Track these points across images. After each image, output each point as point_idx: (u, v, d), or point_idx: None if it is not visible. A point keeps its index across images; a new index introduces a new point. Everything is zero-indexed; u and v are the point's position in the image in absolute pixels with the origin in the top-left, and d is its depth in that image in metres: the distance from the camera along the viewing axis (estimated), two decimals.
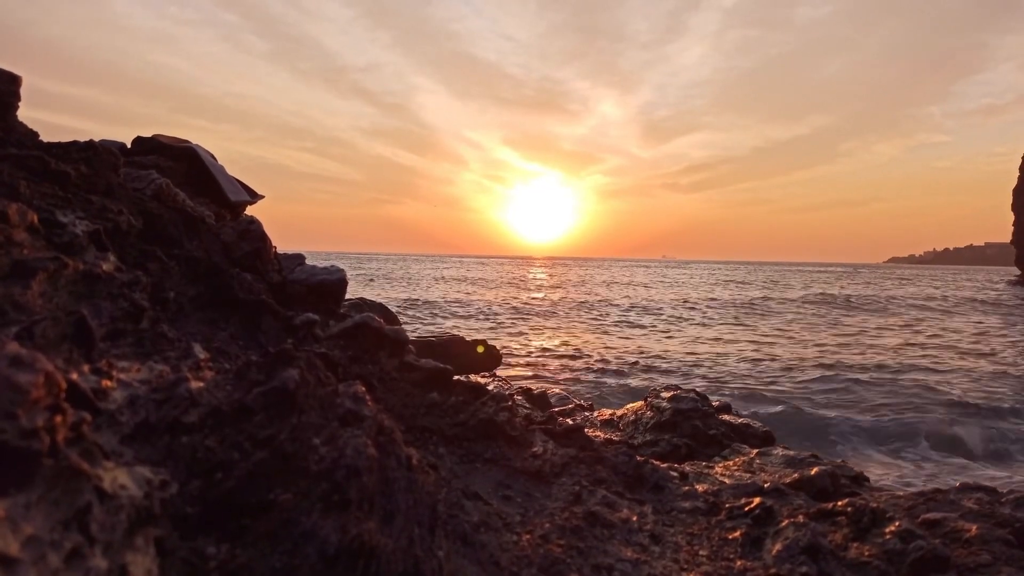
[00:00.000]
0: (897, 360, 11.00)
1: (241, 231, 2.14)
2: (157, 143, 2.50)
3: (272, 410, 1.11)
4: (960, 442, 6.43)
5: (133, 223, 1.70)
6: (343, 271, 2.24)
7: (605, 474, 1.95)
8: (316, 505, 0.97)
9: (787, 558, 1.49)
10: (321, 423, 1.14)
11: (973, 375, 10.04)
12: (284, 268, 2.25)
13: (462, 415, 1.94)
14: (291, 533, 0.92)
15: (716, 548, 1.58)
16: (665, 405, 4.00)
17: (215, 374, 1.25)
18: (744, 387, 9.01)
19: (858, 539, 1.57)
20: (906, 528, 1.54)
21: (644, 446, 3.63)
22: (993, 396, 8.55)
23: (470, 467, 1.77)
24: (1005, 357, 11.88)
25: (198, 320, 1.78)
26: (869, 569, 1.46)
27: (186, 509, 0.92)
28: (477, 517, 1.44)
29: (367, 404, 1.24)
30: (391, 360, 2.04)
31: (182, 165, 2.49)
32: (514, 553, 1.32)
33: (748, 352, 12.00)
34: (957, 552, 1.52)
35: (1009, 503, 2.06)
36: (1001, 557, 1.49)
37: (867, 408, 7.81)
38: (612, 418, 4.18)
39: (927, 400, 8.31)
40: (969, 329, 15.48)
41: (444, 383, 2.06)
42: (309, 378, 1.21)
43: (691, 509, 1.86)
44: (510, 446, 1.92)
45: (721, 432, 3.80)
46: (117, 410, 0.96)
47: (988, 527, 1.64)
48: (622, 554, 1.43)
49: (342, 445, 1.08)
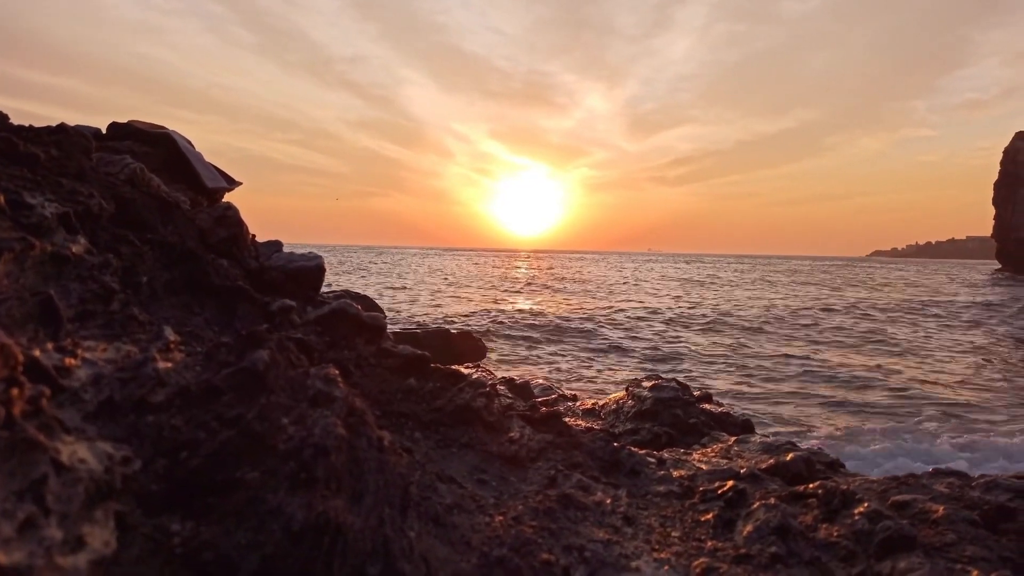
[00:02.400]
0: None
1: (217, 217, 2.12)
2: (133, 129, 2.48)
3: (241, 390, 1.10)
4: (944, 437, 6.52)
5: (105, 207, 1.69)
6: (321, 258, 2.23)
7: (581, 459, 1.96)
8: (283, 483, 0.97)
9: (757, 539, 1.51)
10: (291, 404, 1.14)
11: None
12: (261, 255, 2.24)
13: (439, 401, 1.94)
14: (257, 510, 0.92)
15: (688, 529, 1.60)
16: (646, 394, 4.02)
17: (185, 356, 1.24)
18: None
19: (828, 520, 1.59)
20: (874, 509, 1.56)
21: (625, 434, 3.65)
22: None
23: (446, 451, 1.77)
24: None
25: (172, 305, 1.77)
26: (838, 548, 1.48)
27: (151, 487, 0.92)
28: (450, 499, 1.44)
29: (338, 386, 1.24)
30: (368, 346, 2.04)
31: (159, 151, 2.47)
32: (485, 534, 1.32)
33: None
34: (924, 532, 1.54)
35: (979, 487, 2.09)
36: (966, 536, 1.52)
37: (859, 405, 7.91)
38: (594, 407, 4.20)
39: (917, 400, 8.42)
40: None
41: (422, 369, 2.07)
42: (280, 360, 1.21)
43: (666, 493, 1.87)
44: (487, 431, 1.93)
45: (701, 420, 3.83)
46: (81, 388, 0.95)
47: (954, 508, 1.66)
48: (594, 535, 1.44)
49: (311, 425, 1.08)
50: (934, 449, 5.96)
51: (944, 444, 6.10)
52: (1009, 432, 6.71)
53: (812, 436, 6.36)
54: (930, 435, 6.51)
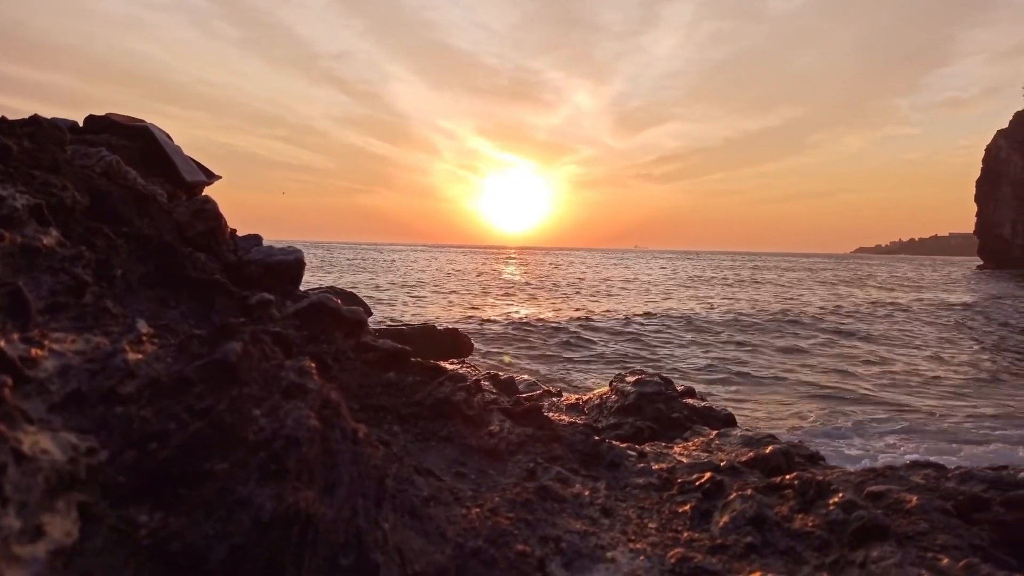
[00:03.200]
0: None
1: (195, 210, 2.11)
2: (110, 122, 2.45)
3: (212, 382, 1.10)
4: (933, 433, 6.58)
5: (79, 199, 1.67)
6: (300, 252, 2.22)
7: (561, 452, 1.96)
8: (253, 474, 0.96)
9: (733, 529, 1.52)
10: (263, 395, 1.13)
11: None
12: (240, 249, 2.23)
13: (418, 394, 1.94)
14: (226, 501, 0.91)
15: (666, 520, 1.61)
16: (630, 389, 4.04)
17: (157, 348, 1.23)
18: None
19: (803, 510, 1.60)
20: (849, 499, 1.58)
21: (608, 429, 3.66)
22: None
23: (424, 445, 1.77)
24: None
25: (147, 298, 1.75)
26: (812, 538, 1.49)
27: (118, 478, 0.91)
28: (427, 492, 1.44)
29: (312, 378, 1.23)
30: (348, 340, 2.03)
31: (137, 144, 2.44)
32: (461, 525, 1.32)
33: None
34: (897, 522, 1.56)
35: (954, 478, 2.12)
36: (938, 526, 1.53)
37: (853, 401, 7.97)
38: (578, 403, 4.21)
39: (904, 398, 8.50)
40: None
41: (401, 363, 2.06)
42: (253, 351, 1.20)
43: (645, 485, 1.88)
44: (466, 425, 1.93)
45: (684, 415, 3.85)
46: (47, 378, 0.94)
47: (928, 498, 1.68)
48: (571, 526, 1.45)
49: (283, 416, 1.07)
50: (913, 444, 6.02)
51: (917, 437, 6.18)
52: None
53: (794, 430, 6.41)
54: (906, 430, 6.58)
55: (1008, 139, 66.63)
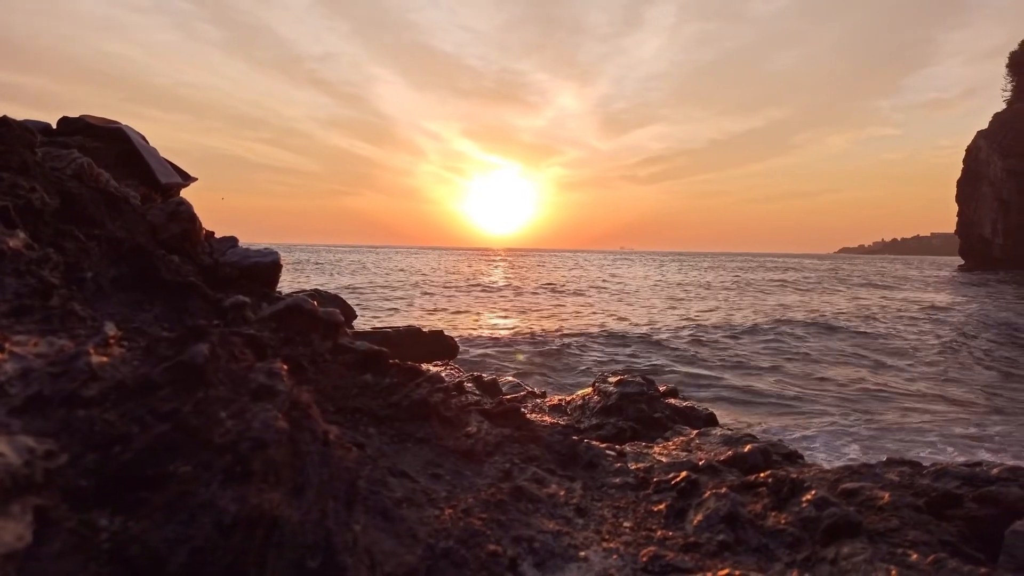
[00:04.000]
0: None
1: (170, 212, 2.09)
2: (84, 124, 2.43)
3: (178, 384, 1.09)
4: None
5: (48, 201, 1.65)
6: (276, 254, 2.21)
7: (538, 452, 1.97)
8: (217, 477, 0.96)
9: (707, 527, 1.52)
10: (231, 397, 1.13)
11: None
12: (216, 251, 2.21)
13: (395, 396, 1.94)
14: (188, 504, 0.91)
15: (640, 520, 1.61)
16: (612, 389, 4.05)
17: (124, 351, 1.22)
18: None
19: (777, 508, 1.62)
20: (821, 496, 1.59)
21: (590, 429, 3.66)
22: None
23: (400, 446, 1.76)
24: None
25: (119, 301, 1.74)
26: (785, 535, 1.50)
27: (79, 481, 0.90)
28: (400, 493, 1.44)
29: (282, 380, 1.23)
30: (324, 342, 2.02)
31: (111, 146, 2.42)
32: (434, 526, 1.32)
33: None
34: (869, 518, 1.57)
35: (929, 475, 2.14)
36: (909, 522, 1.55)
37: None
38: (560, 403, 4.21)
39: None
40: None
41: (379, 365, 2.05)
42: (221, 353, 1.20)
43: (621, 484, 1.88)
44: (443, 426, 1.92)
45: (666, 415, 3.87)
46: (7, 382, 0.93)
47: (899, 494, 1.70)
48: (544, 526, 1.45)
49: (250, 418, 1.07)
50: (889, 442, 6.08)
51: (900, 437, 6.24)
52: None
53: (776, 431, 6.45)
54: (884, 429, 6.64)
55: (988, 140, 67.44)
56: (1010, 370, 10.72)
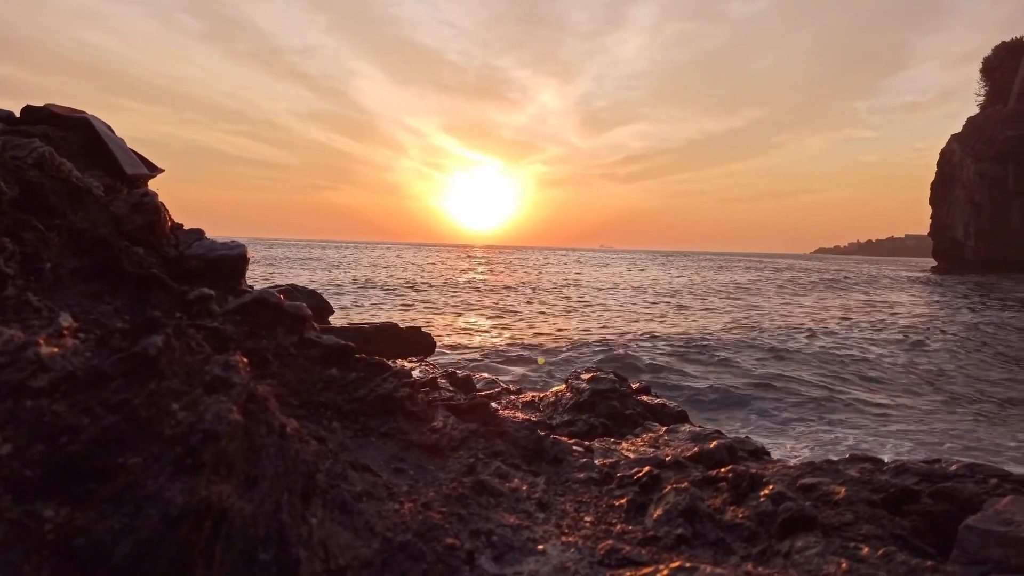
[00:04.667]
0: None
1: (134, 204, 2.07)
2: (49, 113, 2.39)
3: (131, 376, 1.08)
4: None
5: (6, 190, 1.63)
6: (243, 246, 2.19)
7: (504, 447, 1.97)
8: (166, 469, 0.95)
9: (666, 521, 1.54)
10: (184, 389, 1.12)
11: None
12: (181, 243, 2.19)
13: (361, 391, 1.93)
14: (135, 496, 0.90)
15: (601, 514, 1.62)
16: (584, 386, 4.07)
17: (77, 342, 1.21)
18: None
19: (736, 503, 1.64)
20: (779, 491, 1.62)
21: (562, 426, 3.68)
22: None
23: (364, 441, 1.76)
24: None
25: (80, 293, 1.72)
26: (742, 529, 1.52)
27: (24, 472, 0.90)
28: (361, 487, 1.44)
29: (239, 372, 1.22)
30: (290, 336, 2.01)
31: (76, 136, 2.39)
32: (392, 520, 1.32)
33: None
34: (825, 513, 1.60)
35: (889, 471, 2.18)
36: (863, 516, 1.58)
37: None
38: (534, 400, 4.22)
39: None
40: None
41: (345, 359, 2.05)
42: (176, 345, 1.19)
43: (585, 480, 1.90)
44: (409, 421, 1.92)
45: (637, 412, 3.89)
46: None
47: (855, 489, 1.73)
48: (504, 520, 1.46)
49: (202, 410, 1.06)
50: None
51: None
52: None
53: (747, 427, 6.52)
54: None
55: (962, 143, 68.55)
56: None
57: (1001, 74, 74.86)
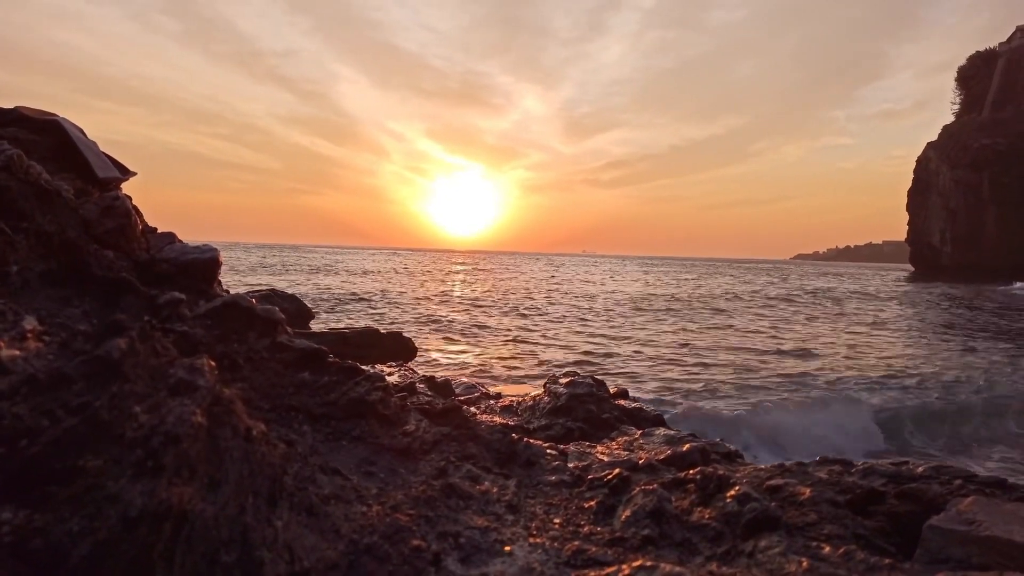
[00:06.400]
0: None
1: (104, 207, 2.06)
2: (19, 115, 2.37)
3: (93, 379, 1.08)
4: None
5: None
6: (215, 250, 2.19)
7: (476, 450, 1.98)
8: (127, 471, 0.95)
9: (634, 522, 1.56)
10: (148, 392, 1.12)
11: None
12: (153, 247, 2.18)
13: (332, 394, 1.93)
14: (95, 498, 0.90)
15: (570, 516, 1.64)
16: (562, 390, 4.08)
17: (41, 345, 1.20)
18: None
19: (702, 504, 1.66)
20: (744, 492, 1.64)
21: (539, 430, 3.69)
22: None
23: (335, 444, 1.76)
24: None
25: (47, 296, 1.71)
26: (708, 530, 1.54)
27: None
28: (329, 490, 1.44)
29: (203, 375, 1.22)
30: (262, 340, 2.01)
31: (46, 139, 2.37)
32: (359, 522, 1.33)
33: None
34: (789, 513, 1.63)
35: (857, 472, 2.21)
36: (826, 516, 1.61)
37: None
38: (512, 404, 4.23)
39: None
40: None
41: (317, 363, 2.05)
42: (140, 348, 1.19)
43: (557, 482, 1.91)
44: (381, 424, 1.93)
45: (614, 416, 3.91)
46: None
47: (821, 490, 1.76)
48: (473, 522, 1.47)
49: (165, 413, 1.06)
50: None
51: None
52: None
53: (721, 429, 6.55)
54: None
55: (937, 151, 69.63)
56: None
57: (976, 83, 76.21)
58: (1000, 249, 61.75)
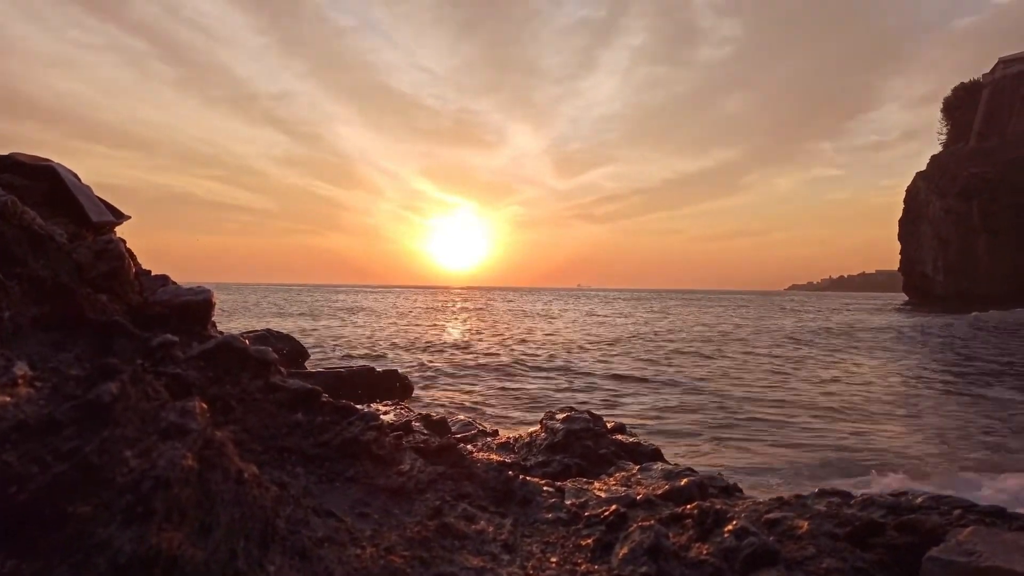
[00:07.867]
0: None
1: (97, 251, 2.07)
2: (13, 161, 2.39)
3: (83, 423, 1.08)
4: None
5: None
6: (209, 291, 2.19)
7: (471, 489, 1.97)
8: (116, 517, 0.95)
9: (631, 560, 1.54)
10: (138, 436, 1.12)
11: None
12: (146, 289, 2.19)
13: (326, 435, 1.92)
14: (84, 544, 0.90)
15: (567, 555, 1.62)
16: (558, 427, 4.06)
17: (32, 390, 1.20)
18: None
19: (700, 539, 1.64)
20: (742, 527, 1.62)
21: (536, 467, 3.66)
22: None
23: (329, 486, 1.75)
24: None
25: (40, 341, 1.70)
26: (706, 567, 1.52)
27: None
28: (322, 533, 1.43)
29: (195, 418, 1.22)
30: (255, 381, 2.01)
31: (40, 184, 2.39)
32: (352, 565, 1.31)
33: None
34: (788, 547, 1.61)
35: (856, 504, 2.20)
36: (825, 550, 1.59)
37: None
38: (509, 441, 4.20)
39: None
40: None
41: (311, 403, 2.04)
42: (131, 392, 1.19)
43: (553, 520, 1.89)
44: (375, 464, 1.91)
45: (611, 451, 3.89)
46: None
47: (819, 523, 1.74)
48: (468, 563, 1.45)
49: (155, 457, 1.06)
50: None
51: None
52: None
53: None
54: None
55: (927, 180, 70.35)
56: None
57: (961, 113, 77.34)
58: (993, 276, 62.04)
